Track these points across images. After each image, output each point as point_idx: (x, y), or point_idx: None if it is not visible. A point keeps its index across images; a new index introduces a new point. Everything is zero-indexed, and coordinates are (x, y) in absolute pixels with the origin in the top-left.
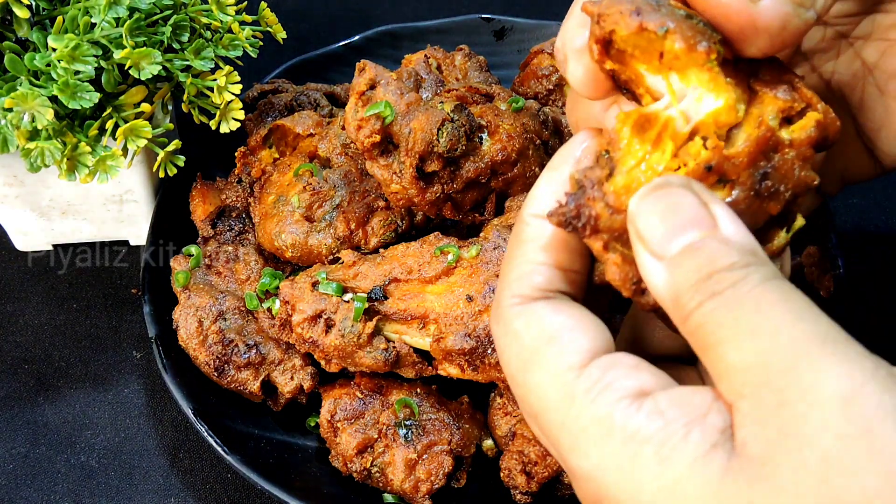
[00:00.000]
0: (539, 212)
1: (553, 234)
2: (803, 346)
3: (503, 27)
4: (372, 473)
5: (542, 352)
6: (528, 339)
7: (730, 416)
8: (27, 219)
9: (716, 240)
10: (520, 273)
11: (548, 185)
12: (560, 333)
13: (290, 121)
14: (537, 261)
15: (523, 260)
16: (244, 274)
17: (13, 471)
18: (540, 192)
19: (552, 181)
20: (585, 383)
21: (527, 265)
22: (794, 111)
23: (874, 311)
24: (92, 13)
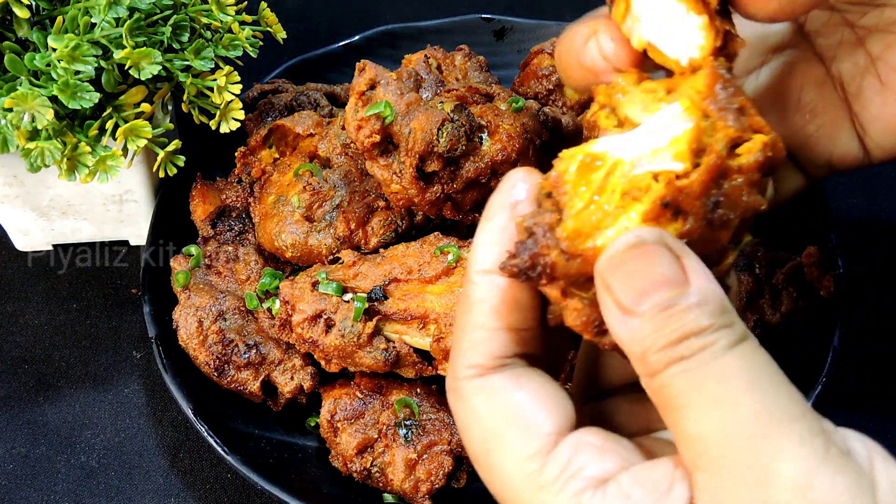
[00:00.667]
0: (485, 267)
1: (502, 294)
2: (761, 423)
3: (503, 27)
4: (372, 473)
5: (504, 435)
6: (489, 420)
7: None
8: (27, 219)
9: (688, 299)
10: (472, 340)
11: (489, 236)
12: (521, 413)
13: (290, 121)
14: (490, 325)
15: (474, 325)
16: (244, 274)
17: (13, 471)
18: (482, 246)
19: (492, 231)
20: (551, 472)
21: (479, 331)
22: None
23: (874, 310)
24: (92, 13)
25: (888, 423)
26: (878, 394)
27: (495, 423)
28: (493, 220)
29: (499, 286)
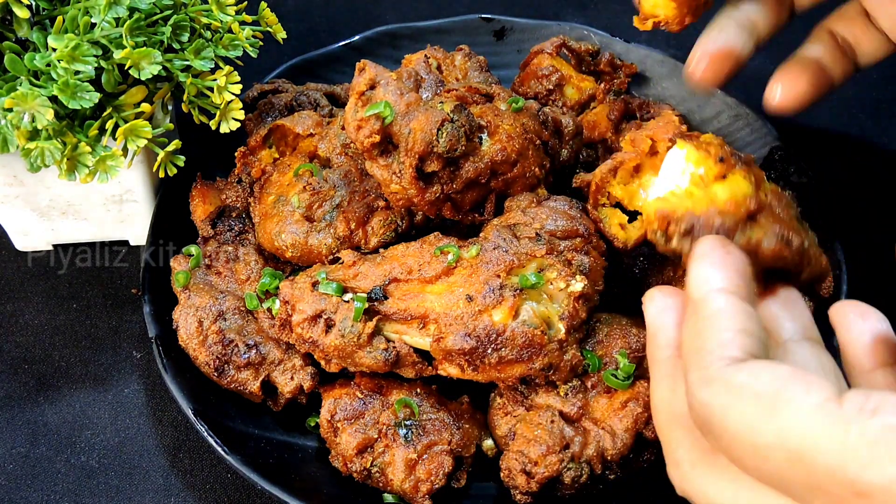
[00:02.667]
0: (713, 288)
1: (739, 305)
2: None
3: (503, 27)
4: (372, 473)
5: (784, 391)
6: (763, 386)
7: None
8: (27, 219)
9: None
10: (721, 340)
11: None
12: (794, 375)
13: (290, 121)
14: (735, 328)
15: (720, 328)
16: (244, 274)
17: (13, 471)
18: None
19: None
20: (852, 406)
21: (726, 332)
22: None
23: None
24: (92, 13)
25: None
26: None
27: (771, 386)
28: (710, 254)
29: (734, 300)
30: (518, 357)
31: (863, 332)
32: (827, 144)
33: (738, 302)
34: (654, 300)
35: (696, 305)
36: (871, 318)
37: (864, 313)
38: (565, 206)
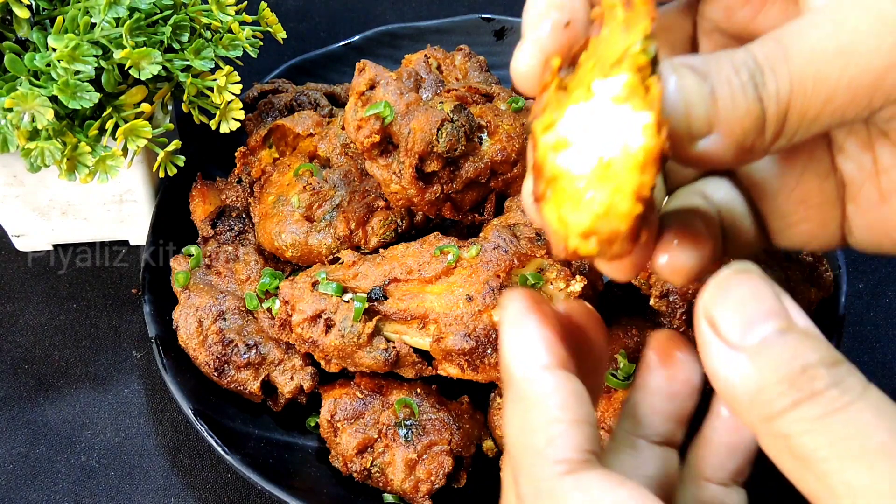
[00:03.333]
0: (535, 366)
1: (566, 387)
2: None
3: (503, 27)
4: (372, 473)
5: None
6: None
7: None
8: (27, 219)
9: (798, 332)
10: (550, 436)
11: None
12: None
13: (290, 121)
14: (565, 419)
15: (547, 420)
16: (244, 274)
17: (13, 471)
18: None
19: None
20: None
21: (555, 425)
22: None
23: (874, 309)
24: (92, 13)
25: None
26: None
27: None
28: (525, 322)
29: (563, 379)
30: None
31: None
32: None
33: (566, 382)
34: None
35: (517, 387)
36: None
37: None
38: None
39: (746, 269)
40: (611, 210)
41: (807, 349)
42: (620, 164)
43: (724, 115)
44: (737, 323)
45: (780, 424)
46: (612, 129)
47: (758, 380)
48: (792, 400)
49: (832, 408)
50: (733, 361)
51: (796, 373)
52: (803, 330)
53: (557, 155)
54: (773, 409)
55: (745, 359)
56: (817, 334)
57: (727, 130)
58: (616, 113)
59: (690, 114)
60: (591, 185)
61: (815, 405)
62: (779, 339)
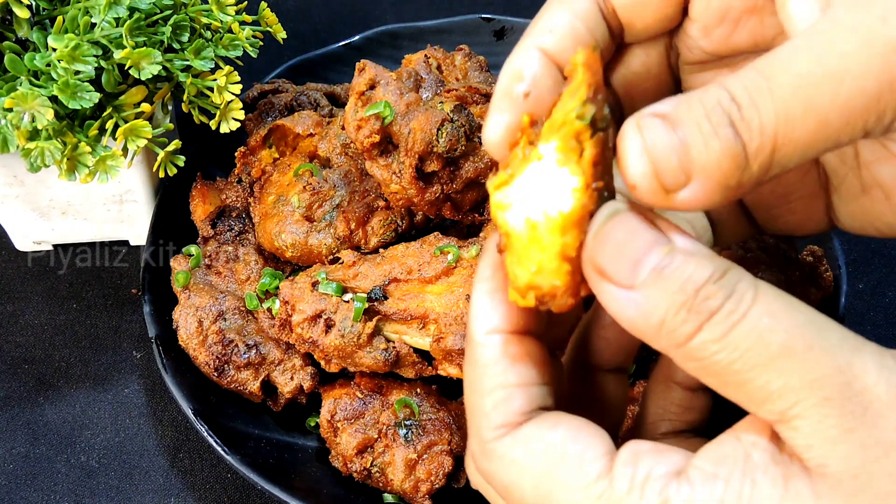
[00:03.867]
0: (489, 328)
1: (515, 351)
2: (843, 359)
3: (503, 27)
4: (372, 473)
5: (558, 472)
6: (537, 465)
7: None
8: (27, 219)
9: (681, 254)
10: (494, 401)
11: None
12: (567, 446)
13: (290, 121)
14: (509, 383)
15: (493, 385)
16: (244, 274)
17: (13, 471)
18: (482, 308)
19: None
20: (622, 485)
21: (499, 391)
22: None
23: (874, 309)
24: (92, 13)
25: None
26: None
27: (545, 464)
28: (488, 280)
29: (510, 344)
30: None
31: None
32: None
33: (517, 346)
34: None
35: (472, 349)
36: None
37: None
38: None
39: (616, 211)
40: (542, 268)
41: (694, 269)
42: (545, 227)
43: (699, 161)
44: (622, 264)
45: (691, 349)
46: (544, 191)
47: (657, 312)
48: (695, 325)
49: (731, 322)
50: (630, 301)
51: (690, 296)
52: (686, 250)
53: (503, 213)
54: (680, 337)
55: (639, 296)
56: (699, 250)
57: (705, 176)
58: (554, 175)
59: (661, 169)
60: (526, 244)
61: (715, 325)
62: (665, 269)
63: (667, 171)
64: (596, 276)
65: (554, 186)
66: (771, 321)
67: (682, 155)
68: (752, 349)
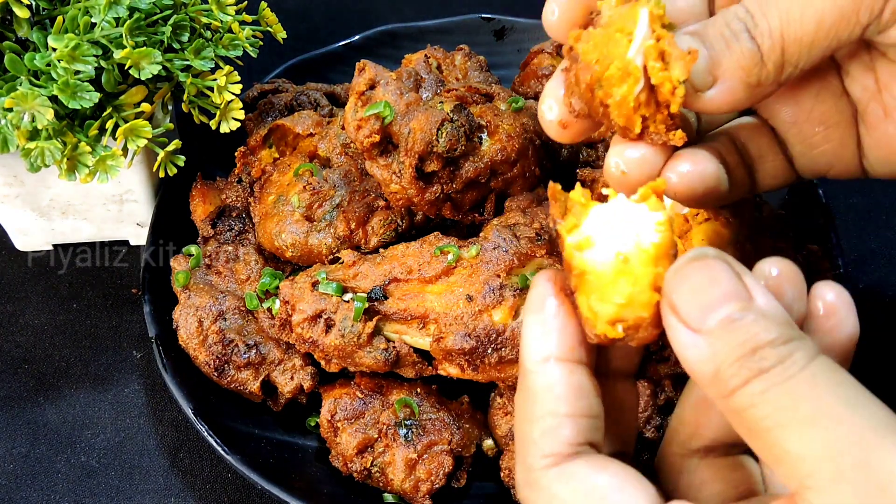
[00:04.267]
0: (545, 356)
1: (568, 380)
2: (870, 439)
3: (503, 27)
4: (372, 473)
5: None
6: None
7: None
8: (27, 219)
9: (754, 313)
10: (543, 429)
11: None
12: (610, 494)
13: (290, 121)
14: (560, 412)
15: (543, 413)
16: (244, 274)
17: (13, 471)
18: (536, 337)
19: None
20: None
21: (549, 419)
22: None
23: (874, 309)
24: (92, 13)
25: None
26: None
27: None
28: (541, 311)
29: (563, 373)
30: (518, 357)
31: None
32: None
33: (569, 375)
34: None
35: (524, 377)
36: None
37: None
38: None
39: (702, 255)
40: (632, 300)
41: (760, 330)
42: (636, 260)
43: (723, 62)
44: (695, 307)
45: (734, 400)
46: (630, 227)
47: (715, 361)
48: (743, 379)
49: (774, 382)
50: (694, 344)
51: (748, 354)
52: (761, 310)
53: (583, 253)
54: (728, 387)
55: (703, 341)
56: (775, 312)
57: (730, 75)
58: (633, 212)
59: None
60: (613, 278)
61: (760, 382)
62: (734, 323)
63: (696, 74)
64: (668, 311)
65: (639, 222)
66: (810, 389)
67: (708, 60)
68: (784, 409)
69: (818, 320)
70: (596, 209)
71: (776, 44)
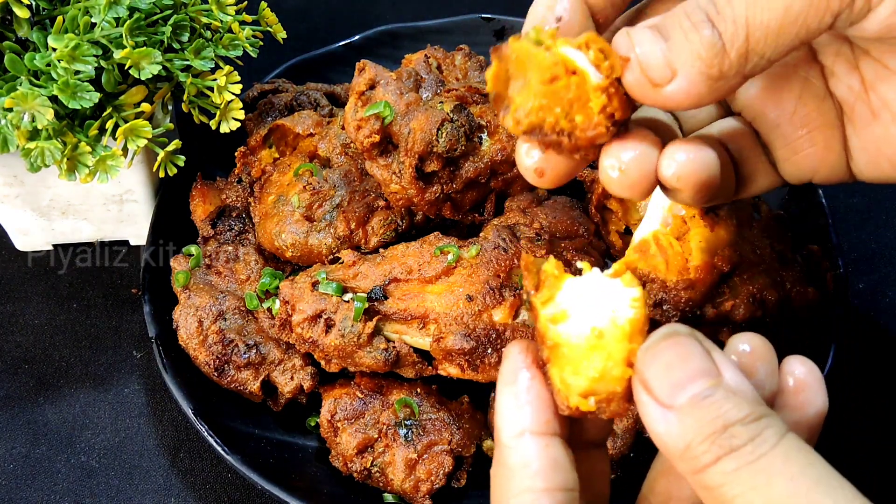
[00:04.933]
0: (518, 431)
1: (543, 454)
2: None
3: (503, 27)
4: (372, 473)
5: None
6: None
7: None
8: (27, 219)
9: (723, 390)
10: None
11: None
12: None
13: (290, 121)
14: (537, 487)
15: (520, 489)
16: (244, 274)
17: (13, 471)
18: (510, 411)
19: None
20: None
21: (527, 495)
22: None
23: (873, 310)
24: (92, 13)
25: (887, 421)
26: (877, 391)
27: None
28: (514, 384)
29: (539, 447)
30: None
31: None
32: None
33: (545, 449)
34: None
35: (499, 451)
36: None
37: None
38: (565, 205)
39: (674, 333)
40: (605, 374)
41: (730, 407)
42: (611, 335)
43: (680, 54)
44: (666, 384)
45: (705, 477)
46: (605, 302)
47: (685, 438)
48: (714, 456)
49: (746, 461)
50: (664, 420)
51: (718, 431)
52: (731, 387)
53: (557, 326)
54: (699, 464)
55: (673, 418)
56: (745, 389)
57: (688, 66)
58: (608, 287)
59: (648, 66)
60: (587, 351)
61: (732, 460)
62: (704, 400)
63: (654, 67)
64: (640, 388)
65: (614, 297)
66: (782, 466)
67: (665, 52)
68: (756, 489)
69: (788, 395)
70: (569, 282)
71: (740, 30)
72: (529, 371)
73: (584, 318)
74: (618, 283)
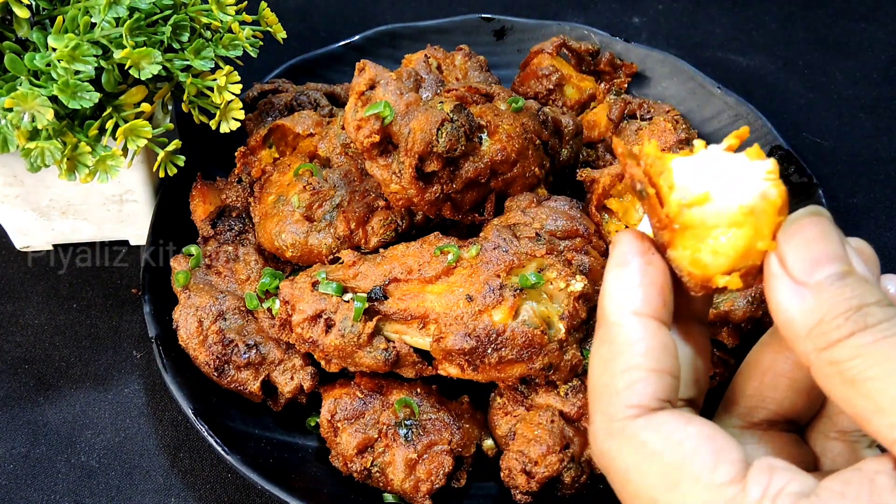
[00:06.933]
0: (634, 309)
1: (653, 336)
2: None
3: (503, 27)
4: (372, 473)
5: (691, 465)
6: (669, 454)
7: (891, 469)
8: (27, 219)
9: (860, 275)
10: (629, 381)
11: (631, 279)
12: (702, 444)
13: (290, 121)
14: (647, 366)
15: (628, 365)
16: (244, 274)
17: (13, 471)
18: (625, 290)
19: (631, 275)
20: (755, 493)
21: (636, 371)
22: None
23: None
24: (92, 13)
25: None
26: None
27: (678, 454)
28: (629, 265)
29: (650, 329)
30: (518, 357)
31: None
32: (827, 144)
33: (655, 331)
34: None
35: (607, 329)
36: None
37: None
38: (565, 205)
39: (818, 212)
40: (749, 250)
41: (864, 291)
42: (761, 210)
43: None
44: (803, 260)
45: (834, 352)
46: (745, 177)
47: (818, 313)
48: (848, 331)
49: (884, 335)
50: (797, 295)
51: (853, 309)
52: (862, 276)
53: (692, 209)
54: (831, 339)
55: (808, 294)
56: (874, 281)
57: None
58: (736, 163)
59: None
60: (730, 229)
61: (867, 334)
62: (841, 279)
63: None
64: (774, 263)
65: (748, 172)
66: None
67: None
68: (891, 360)
69: None
70: (677, 162)
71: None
72: (645, 256)
73: (728, 196)
74: (742, 157)
